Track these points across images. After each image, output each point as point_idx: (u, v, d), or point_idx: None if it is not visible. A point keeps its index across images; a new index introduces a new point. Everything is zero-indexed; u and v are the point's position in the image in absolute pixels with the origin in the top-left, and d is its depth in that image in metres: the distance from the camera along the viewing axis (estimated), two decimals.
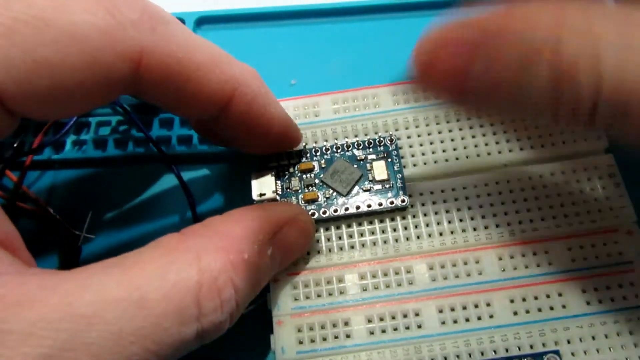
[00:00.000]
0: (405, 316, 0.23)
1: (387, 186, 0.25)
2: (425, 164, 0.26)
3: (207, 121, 0.22)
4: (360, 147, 0.26)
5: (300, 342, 0.23)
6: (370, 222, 0.25)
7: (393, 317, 0.23)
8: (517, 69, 0.14)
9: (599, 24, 0.13)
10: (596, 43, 0.13)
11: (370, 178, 0.25)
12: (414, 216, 0.25)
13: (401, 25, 0.35)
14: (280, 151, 0.25)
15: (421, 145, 0.26)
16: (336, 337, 0.23)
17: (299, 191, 0.25)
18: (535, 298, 0.23)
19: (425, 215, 0.25)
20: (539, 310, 0.22)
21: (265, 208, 0.22)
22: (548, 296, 0.23)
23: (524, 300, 0.23)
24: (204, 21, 0.36)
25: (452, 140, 0.26)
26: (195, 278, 0.17)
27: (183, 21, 0.35)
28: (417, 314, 0.23)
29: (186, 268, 0.17)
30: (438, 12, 0.34)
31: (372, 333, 0.23)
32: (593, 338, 0.22)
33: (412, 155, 0.26)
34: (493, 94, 0.16)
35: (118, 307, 0.16)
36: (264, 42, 0.35)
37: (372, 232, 0.24)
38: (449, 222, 0.24)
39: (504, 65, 0.15)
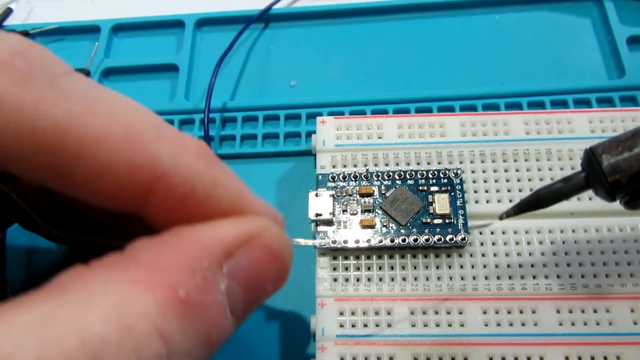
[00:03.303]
0: (453, 359, 0.22)
1: (448, 221, 0.24)
2: (488, 201, 0.25)
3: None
4: (424, 177, 0.25)
5: None
6: (426, 256, 0.24)
7: (440, 359, 0.22)
8: None
9: None
10: None
11: (431, 211, 0.24)
12: (471, 255, 0.24)
13: (401, 26, 0.34)
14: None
15: (485, 181, 0.25)
16: None
17: (356, 215, 0.24)
18: (592, 358, 0.22)
19: (483, 255, 0.24)
20: None
21: (213, 224, 0.14)
22: (606, 358, 0.22)
23: (579, 359, 0.22)
24: (204, 23, 0.36)
25: (519, 180, 0.25)
26: (94, 329, 0.10)
27: (183, 23, 0.35)
28: (465, 359, 0.22)
29: (80, 315, 0.11)
30: (438, 14, 0.34)
31: None
32: None
33: (475, 191, 0.25)
34: None
35: None
36: (263, 43, 0.34)
37: (427, 267, 0.24)
38: (508, 266, 0.23)
39: None
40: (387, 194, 0.25)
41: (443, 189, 0.25)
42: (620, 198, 0.19)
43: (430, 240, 0.23)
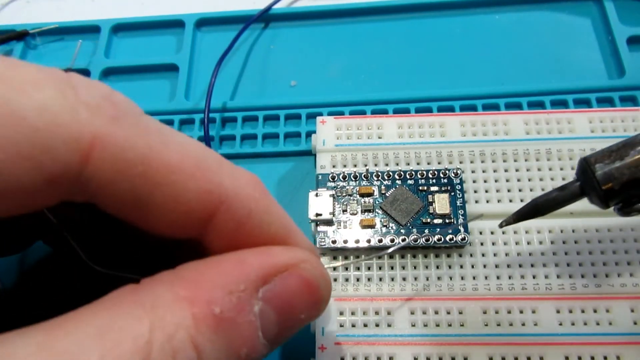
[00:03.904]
0: (453, 359, 0.22)
1: (448, 221, 0.24)
2: (487, 201, 0.25)
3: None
4: (424, 177, 0.25)
5: None
6: (425, 256, 0.24)
7: (440, 359, 0.22)
8: None
9: None
10: None
11: (431, 211, 0.24)
12: (471, 255, 0.24)
13: (401, 26, 0.34)
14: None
15: (485, 181, 0.25)
16: None
17: (356, 215, 0.24)
18: (592, 358, 0.22)
19: (483, 255, 0.24)
20: None
21: (255, 250, 0.16)
22: (605, 358, 0.22)
23: (579, 359, 0.22)
24: (204, 23, 0.36)
25: (519, 180, 0.25)
26: (145, 337, 0.13)
27: (183, 23, 0.35)
28: (465, 359, 0.22)
29: (133, 324, 0.13)
30: (438, 14, 0.34)
31: None
32: None
33: (475, 191, 0.25)
34: None
35: None
36: (263, 43, 0.35)
37: (427, 267, 0.24)
38: (508, 266, 0.23)
39: None
40: (387, 194, 0.25)
41: (443, 188, 0.25)
42: (614, 205, 0.19)
43: (430, 240, 0.23)
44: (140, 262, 0.19)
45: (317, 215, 0.24)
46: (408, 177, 0.25)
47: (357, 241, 0.24)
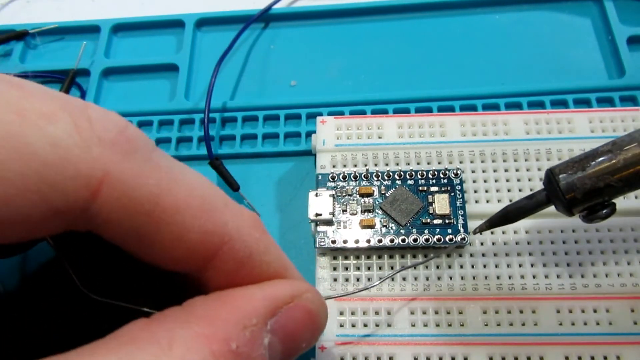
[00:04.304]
0: (453, 359, 0.22)
1: (448, 221, 0.24)
2: (488, 201, 0.25)
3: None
4: (424, 177, 0.25)
5: None
6: (426, 256, 0.24)
7: (440, 359, 0.22)
8: None
9: None
10: None
11: (431, 211, 0.24)
12: (471, 255, 0.24)
13: (401, 26, 0.34)
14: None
15: (485, 181, 0.25)
16: None
17: (356, 215, 0.24)
18: (592, 358, 0.22)
19: (483, 255, 0.24)
20: None
21: (260, 285, 0.17)
22: (605, 358, 0.22)
23: (579, 359, 0.22)
24: (204, 23, 0.36)
25: (519, 180, 0.25)
26: None
27: (183, 23, 0.35)
28: (465, 359, 0.22)
29: None
30: (438, 14, 0.34)
31: None
32: None
33: (475, 191, 0.25)
34: None
35: None
36: (263, 43, 0.35)
37: (427, 267, 0.24)
38: (508, 266, 0.23)
39: None
40: (387, 194, 0.25)
41: (443, 189, 0.25)
42: (579, 213, 0.20)
43: (430, 240, 0.24)
44: (137, 289, 0.19)
45: (317, 215, 0.24)
46: (408, 177, 0.25)
47: (356, 241, 0.24)
